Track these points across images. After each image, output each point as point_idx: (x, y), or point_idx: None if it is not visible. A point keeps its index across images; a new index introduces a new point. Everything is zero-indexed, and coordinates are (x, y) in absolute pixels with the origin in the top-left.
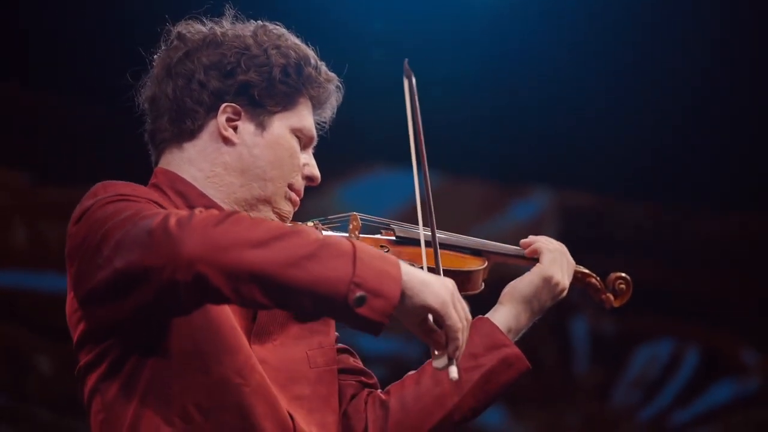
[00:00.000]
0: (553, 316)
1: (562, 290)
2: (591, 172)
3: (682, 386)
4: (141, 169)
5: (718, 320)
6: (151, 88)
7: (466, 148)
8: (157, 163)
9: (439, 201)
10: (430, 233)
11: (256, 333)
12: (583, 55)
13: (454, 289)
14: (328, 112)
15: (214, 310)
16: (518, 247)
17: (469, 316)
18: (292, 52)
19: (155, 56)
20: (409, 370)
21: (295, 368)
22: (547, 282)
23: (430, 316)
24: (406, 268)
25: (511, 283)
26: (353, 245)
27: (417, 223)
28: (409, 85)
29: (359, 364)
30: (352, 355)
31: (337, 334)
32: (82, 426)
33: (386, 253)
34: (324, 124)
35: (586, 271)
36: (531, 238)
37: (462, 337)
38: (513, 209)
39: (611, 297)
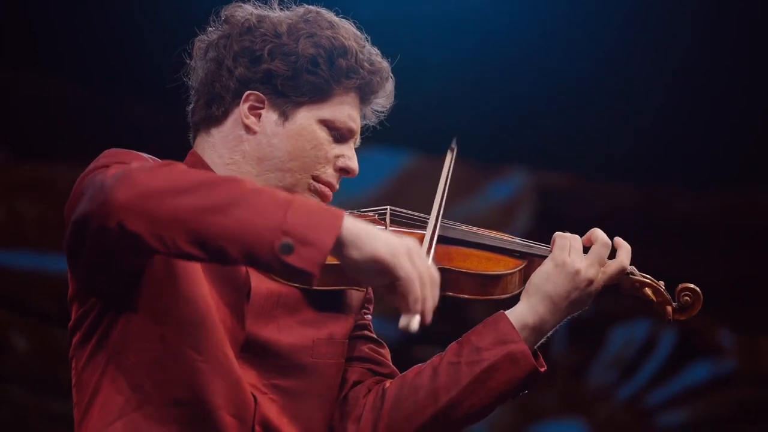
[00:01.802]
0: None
1: (588, 282)
2: (568, 153)
3: (659, 367)
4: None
5: None
6: (194, 69)
7: (442, 128)
8: (193, 143)
9: (416, 181)
10: (462, 229)
11: (255, 313)
12: (561, 35)
13: (414, 246)
14: (383, 100)
15: (191, 281)
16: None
17: (434, 272)
18: (327, 42)
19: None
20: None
21: (293, 356)
22: (561, 269)
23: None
24: (351, 221)
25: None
26: (293, 197)
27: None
28: (450, 158)
29: (377, 353)
30: (376, 344)
31: (368, 318)
32: (57, 405)
33: (335, 208)
34: (380, 114)
35: (642, 278)
36: None
37: (418, 288)
38: (490, 189)
39: (669, 309)
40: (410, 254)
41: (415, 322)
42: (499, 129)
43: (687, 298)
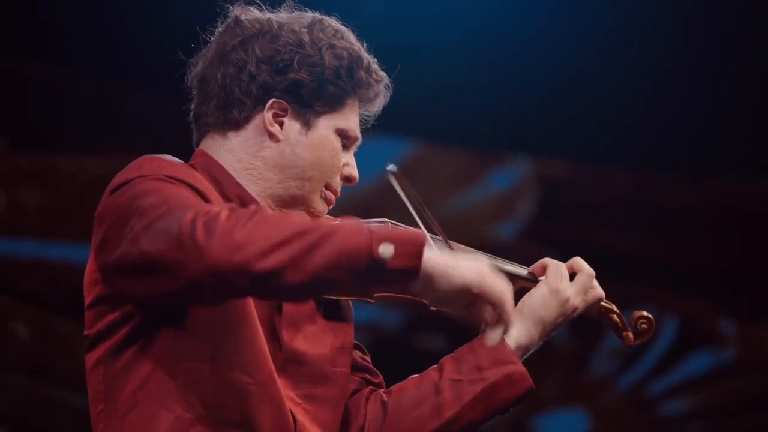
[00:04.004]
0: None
1: (573, 309)
2: (568, 141)
3: (660, 356)
4: (121, 135)
5: (696, 290)
6: (203, 68)
7: (441, 117)
8: (198, 143)
9: (415, 171)
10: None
11: (286, 325)
12: (561, 23)
13: (487, 262)
14: (374, 108)
15: (240, 301)
16: (527, 268)
17: (509, 286)
18: (346, 54)
19: (211, 37)
20: (387, 339)
21: (318, 365)
22: (555, 295)
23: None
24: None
25: (522, 299)
26: (369, 227)
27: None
28: (398, 183)
29: (367, 362)
30: (362, 351)
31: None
32: (57, 392)
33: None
34: (368, 119)
35: (610, 306)
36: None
37: (510, 304)
38: (490, 179)
39: (631, 335)
40: (491, 273)
41: (500, 334)
42: (499, 117)
43: (644, 325)
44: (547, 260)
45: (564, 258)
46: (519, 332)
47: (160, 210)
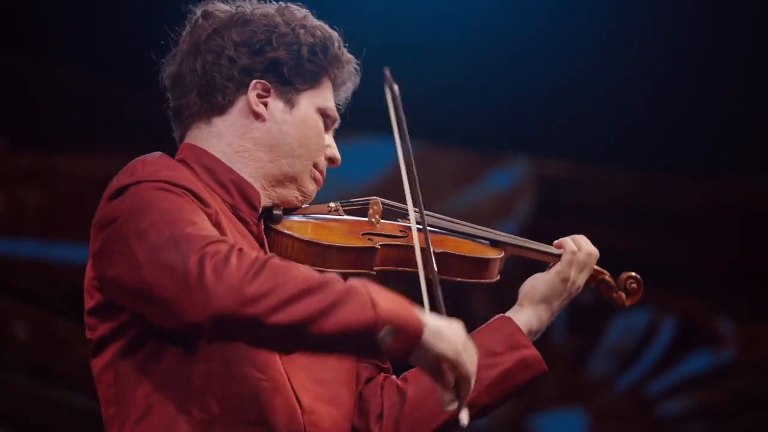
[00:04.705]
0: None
1: (578, 289)
2: (568, 141)
3: (659, 356)
4: (121, 135)
5: (695, 290)
6: (177, 65)
7: (441, 117)
8: (182, 139)
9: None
10: (446, 219)
11: None
12: (559, 24)
13: (465, 334)
14: (343, 94)
15: None
16: (541, 244)
17: (476, 359)
18: (319, 32)
19: (182, 34)
20: None
21: None
22: (565, 283)
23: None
24: (421, 315)
25: (529, 282)
26: (369, 291)
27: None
28: (392, 96)
29: None
30: None
31: None
32: (57, 392)
33: (398, 296)
34: (339, 106)
35: (599, 269)
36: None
37: (473, 382)
38: (489, 178)
39: (623, 295)
40: (466, 347)
41: (465, 417)
42: (499, 117)
43: (633, 285)
44: (567, 247)
45: None
46: (530, 318)
47: (162, 236)
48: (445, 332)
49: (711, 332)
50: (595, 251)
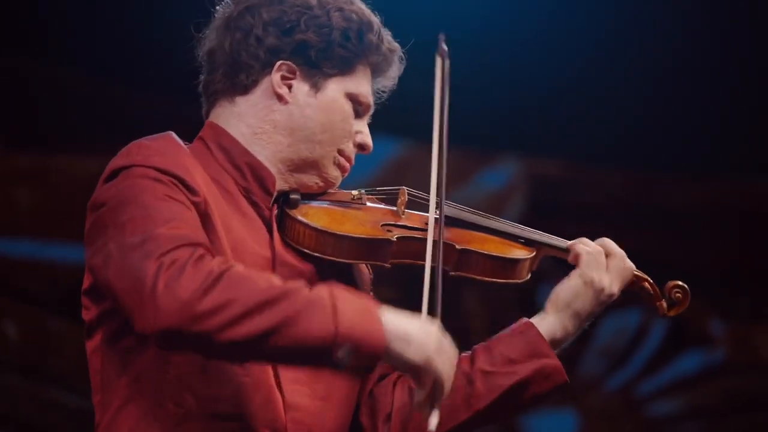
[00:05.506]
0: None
1: (610, 296)
2: (568, 141)
3: (650, 356)
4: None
5: (695, 290)
6: (211, 40)
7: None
8: (207, 115)
9: (407, 170)
10: (473, 214)
11: None
12: (559, 24)
13: (438, 336)
14: (388, 82)
15: None
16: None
17: (454, 359)
18: (355, 17)
19: (218, 9)
20: None
21: None
22: (589, 286)
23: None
24: (387, 324)
25: (554, 289)
26: (335, 300)
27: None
28: (442, 66)
29: None
30: None
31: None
32: (49, 390)
33: (367, 303)
34: (383, 94)
35: (640, 274)
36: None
37: (447, 386)
38: (481, 178)
39: (664, 305)
40: (439, 351)
41: (434, 422)
42: (498, 117)
43: (678, 294)
44: (580, 247)
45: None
46: (553, 325)
47: (135, 234)
48: (413, 337)
49: (702, 332)
50: (618, 251)
